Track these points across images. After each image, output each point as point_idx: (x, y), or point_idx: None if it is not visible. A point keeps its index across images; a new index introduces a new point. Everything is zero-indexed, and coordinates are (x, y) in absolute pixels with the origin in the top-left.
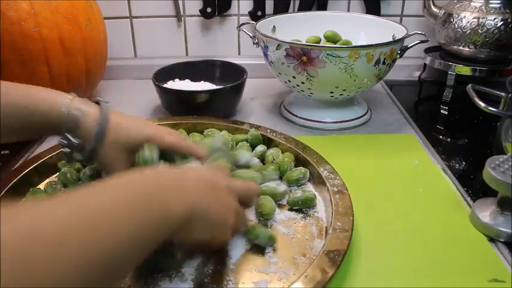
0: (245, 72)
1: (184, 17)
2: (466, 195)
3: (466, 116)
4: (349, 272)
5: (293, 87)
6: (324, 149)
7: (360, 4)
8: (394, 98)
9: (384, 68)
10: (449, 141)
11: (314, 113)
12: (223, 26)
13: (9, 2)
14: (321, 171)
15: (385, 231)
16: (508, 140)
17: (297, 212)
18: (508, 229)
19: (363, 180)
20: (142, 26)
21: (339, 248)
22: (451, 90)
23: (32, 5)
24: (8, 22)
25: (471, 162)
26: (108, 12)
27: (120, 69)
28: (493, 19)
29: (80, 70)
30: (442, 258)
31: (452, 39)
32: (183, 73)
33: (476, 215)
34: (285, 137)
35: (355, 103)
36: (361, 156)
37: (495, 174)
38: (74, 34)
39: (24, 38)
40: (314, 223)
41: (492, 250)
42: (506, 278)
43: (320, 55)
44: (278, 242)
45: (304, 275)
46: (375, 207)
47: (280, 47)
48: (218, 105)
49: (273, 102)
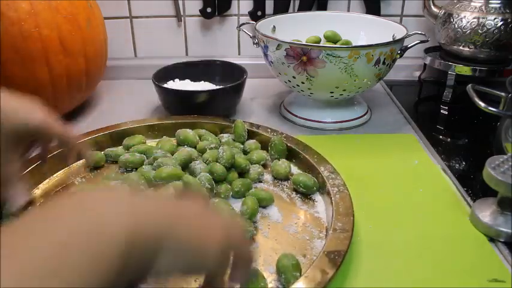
0: (245, 72)
1: (184, 17)
2: (466, 195)
3: (466, 116)
4: (349, 272)
5: (293, 87)
6: (324, 149)
7: (360, 4)
8: (394, 98)
9: (384, 68)
10: (449, 141)
11: (314, 113)
12: (223, 26)
13: (9, 2)
14: (322, 171)
15: (385, 231)
16: (508, 140)
17: (297, 213)
18: (508, 229)
19: (363, 180)
20: (142, 26)
21: (339, 248)
22: (451, 90)
23: (32, 5)
24: (8, 22)
25: (471, 162)
26: (108, 12)
27: (120, 69)
28: (493, 19)
29: (80, 70)
30: (442, 258)
31: (452, 39)
32: (183, 73)
33: (476, 215)
34: (286, 137)
35: (355, 103)
36: (361, 156)
37: (495, 174)
38: (74, 34)
39: (24, 38)
40: (314, 223)
41: (492, 250)
42: (506, 278)
43: (320, 55)
44: (278, 241)
45: (304, 276)
46: (375, 207)
47: (280, 47)
48: (218, 105)
49: (273, 102)
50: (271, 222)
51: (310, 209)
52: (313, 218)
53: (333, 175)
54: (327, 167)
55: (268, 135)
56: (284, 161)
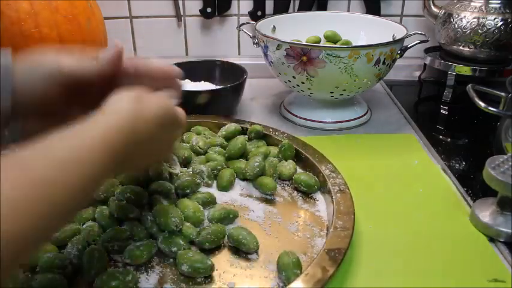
0: (245, 72)
1: (184, 17)
2: (466, 195)
3: (466, 116)
4: (349, 272)
5: (293, 87)
6: (324, 149)
7: (360, 4)
8: (394, 98)
9: (384, 68)
10: (449, 141)
11: (314, 113)
12: (223, 26)
13: (9, 2)
14: (323, 170)
15: (385, 231)
16: (508, 140)
17: (298, 212)
18: (508, 229)
19: (363, 180)
20: (142, 26)
21: (339, 246)
22: (451, 90)
23: (32, 5)
24: (8, 22)
25: (471, 162)
26: (108, 12)
27: None
28: (493, 19)
29: None
30: (442, 258)
31: (452, 39)
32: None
33: (476, 215)
34: (287, 136)
35: (355, 103)
36: (361, 156)
37: (495, 174)
38: (74, 34)
39: (24, 38)
40: (315, 222)
41: (492, 250)
42: (506, 278)
43: (320, 55)
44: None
45: (305, 273)
46: (375, 207)
47: (280, 47)
48: (218, 105)
49: (273, 102)
50: (273, 220)
51: (311, 207)
52: (314, 217)
53: (334, 174)
54: (328, 166)
55: (279, 138)
56: (290, 161)
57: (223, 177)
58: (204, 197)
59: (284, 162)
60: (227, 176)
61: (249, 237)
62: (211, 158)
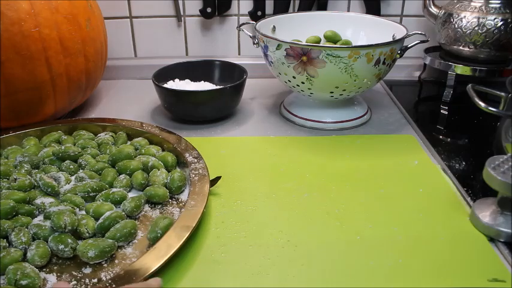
0: (245, 72)
1: (184, 17)
2: (466, 195)
3: (466, 116)
4: (349, 272)
5: (293, 87)
6: (324, 149)
7: (360, 4)
8: (394, 98)
9: (383, 68)
10: (449, 141)
11: (314, 113)
12: (223, 26)
13: (9, 2)
14: (187, 156)
15: (385, 231)
16: (508, 140)
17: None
18: (508, 229)
19: (363, 180)
20: (142, 26)
21: (188, 224)
22: (451, 90)
23: (32, 5)
24: (8, 22)
25: (471, 162)
26: (108, 12)
27: (120, 69)
28: (493, 19)
29: (80, 70)
30: (442, 258)
31: (452, 39)
32: (183, 73)
33: (476, 215)
34: (160, 129)
35: (355, 103)
36: (361, 157)
37: (495, 174)
38: (74, 34)
39: (24, 38)
40: (175, 205)
41: (492, 250)
42: (506, 278)
43: (320, 55)
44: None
45: (153, 248)
46: (375, 207)
47: (280, 47)
48: (218, 105)
49: (273, 102)
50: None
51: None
52: (175, 202)
53: (196, 160)
54: (193, 153)
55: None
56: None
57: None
58: None
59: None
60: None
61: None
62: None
